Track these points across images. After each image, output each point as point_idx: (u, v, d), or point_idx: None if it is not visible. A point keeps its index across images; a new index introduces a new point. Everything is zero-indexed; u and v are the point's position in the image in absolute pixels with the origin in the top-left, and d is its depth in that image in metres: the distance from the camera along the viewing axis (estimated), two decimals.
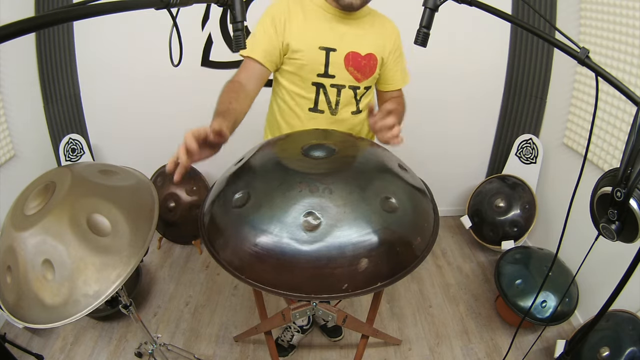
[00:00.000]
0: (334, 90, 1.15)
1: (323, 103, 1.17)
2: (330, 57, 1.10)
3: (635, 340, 1.27)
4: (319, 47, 1.09)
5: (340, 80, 1.14)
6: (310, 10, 1.10)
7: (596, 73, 0.59)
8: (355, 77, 1.14)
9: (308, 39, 1.09)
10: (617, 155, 1.52)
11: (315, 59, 1.10)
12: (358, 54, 1.12)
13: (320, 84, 1.14)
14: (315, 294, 0.65)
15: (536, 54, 2.00)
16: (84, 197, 0.86)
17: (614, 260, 1.49)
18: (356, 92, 1.17)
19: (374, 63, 1.15)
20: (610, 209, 0.59)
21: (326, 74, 1.12)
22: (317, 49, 1.09)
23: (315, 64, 1.11)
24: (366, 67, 1.14)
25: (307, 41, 1.09)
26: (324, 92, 1.15)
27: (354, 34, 1.11)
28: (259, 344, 1.71)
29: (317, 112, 1.17)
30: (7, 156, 1.81)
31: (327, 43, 1.09)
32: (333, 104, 1.17)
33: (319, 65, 1.11)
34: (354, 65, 1.12)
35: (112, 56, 2.01)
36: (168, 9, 0.53)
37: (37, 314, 0.80)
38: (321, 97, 1.16)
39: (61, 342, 1.70)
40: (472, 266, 2.17)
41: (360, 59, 1.12)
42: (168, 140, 2.22)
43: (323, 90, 1.15)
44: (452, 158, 2.35)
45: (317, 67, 1.11)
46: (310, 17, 1.09)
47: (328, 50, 1.10)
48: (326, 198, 0.66)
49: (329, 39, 1.09)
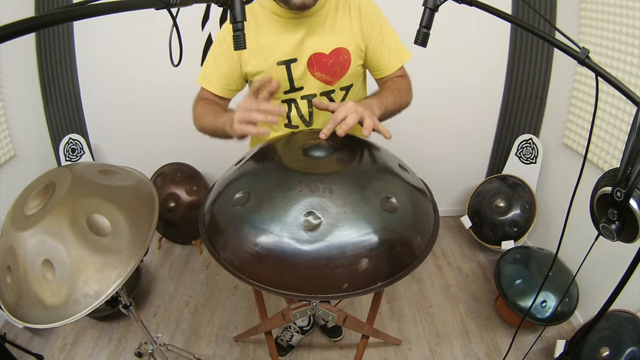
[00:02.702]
0: (305, 102, 1.05)
1: (295, 118, 1.07)
2: (292, 69, 1.00)
3: (635, 340, 1.27)
4: (277, 63, 0.99)
5: (310, 90, 1.03)
6: (262, 19, 0.99)
7: (596, 73, 0.59)
8: (324, 81, 1.03)
9: (264, 57, 0.99)
10: (617, 155, 1.52)
11: (276, 77, 0.98)
12: (322, 55, 1.00)
13: (291, 99, 1.05)
14: (315, 294, 0.65)
15: (536, 54, 2.00)
16: (84, 197, 0.86)
17: (614, 260, 1.49)
18: (331, 96, 1.06)
19: (346, 57, 1.01)
20: (610, 209, 0.59)
21: (292, 89, 1.03)
22: (276, 66, 0.99)
23: (278, 81, 1.03)
24: (335, 66, 1.01)
25: (263, 61, 0.99)
26: (296, 106, 1.06)
27: (314, 33, 0.99)
28: (259, 344, 1.71)
29: (292, 128, 1.09)
30: (7, 156, 1.81)
31: (284, 55, 0.99)
32: (306, 116, 1.07)
33: (283, 82, 1.01)
34: (320, 68, 1.01)
35: (112, 56, 2.01)
36: (168, 9, 0.53)
37: (37, 314, 0.80)
38: (293, 112, 1.07)
39: (61, 342, 1.70)
40: (472, 266, 2.17)
41: (325, 60, 1.00)
42: (168, 140, 2.26)
43: (295, 104, 1.06)
44: (452, 158, 2.35)
45: (282, 84, 1.00)
46: (263, 28, 0.99)
47: (288, 63, 0.99)
48: (326, 198, 0.67)
49: (287, 49, 0.98)
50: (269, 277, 0.67)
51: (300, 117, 1.08)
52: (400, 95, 1.01)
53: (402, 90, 1.02)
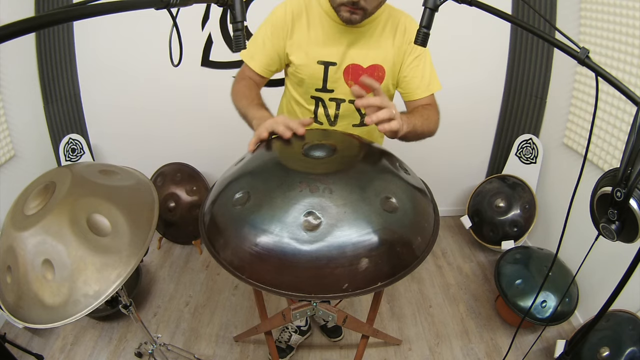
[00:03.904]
0: (333, 104, 1.11)
1: (322, 116, 1.14)
2: (329, 71, 1.05)
3: (635, 340, 1.27)
4: (318, 62, 1.04)
5: (340, 95, 1.09)
6: (314, 17, 1.03)
7: (596, 73, 0.59)
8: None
9: (308, 53, 1.04)
10: (617, 155, 1.52)
11: (313, 74, 1.05)
12: (359, 67, 1.05)
13: (319, 98, 1.11)
14: (315, 294, 0.65)
15: (536, 54, 2.00)
16: (84, 197, 0.86)
17: (614, 260, 1.49)
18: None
19: (380, 74, 1.07)
20: (610, 209, 0.59)
21: (324, 89, 1.08)
22: (316, 64, 1.04)
23: (313, 78, 1.07)
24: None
25: (306, 56, 1.04)
26: (323, 105, 1.12)
27: (358, 45, 1.03)
28: (259, 344, 1.71)
29: (317, 123, 1.15)
30: (7, 156, 1.81)
31: (326, 57, 1.04)
32: (332, 117, 1.13)
33: (317, 80, 1.07)
34: (355, 79, 1.06)
35: (112, 56, 2.01)
36: (168, 9, 0.53)
37: (37, 314, 0.80)
38: (320, 110, 1.13)
39: (61, 342, 1.70)
40: (472, 266, 2.17)
41: (361, 72, 1.05)
42: (168, 140, 2.26)
43: (322, 103, 1.12)
44: (452, 158, 2.35)
45: (315, 82, 1.07)
46: (314, 26, 1.03)
47: (327, 65, 1.04)
48: (326, 198, 0.66)
49: (330, 52, 1.03)
50: (269, 277, 0.67)
51: (327, 116, 1.13)
52: (429, 121, 1.03)
53: (430, 118, 1.05)
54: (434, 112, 1.10)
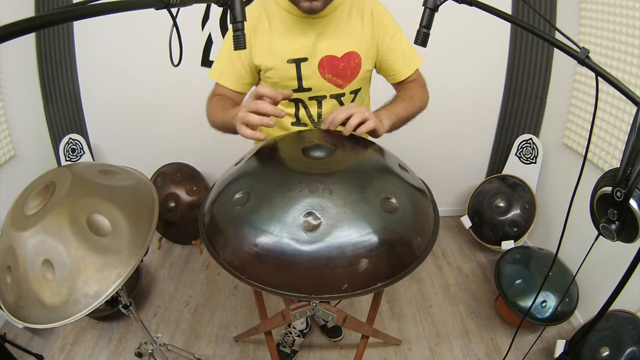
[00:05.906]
0: (314, 102, 1.05)
1: (304, 117, 1.08)
2: (302, 69, 1.00)
3: (635, 340, 1.27)
4: (288, 61, 0.99)
5: (319, 92, 1.04)
6: (274, 16, 0.99)
7: (596, 73, 0.59)
8: (335, 84, 1.03)
9: (275, 53, 0.99)
10: (617, 155, 1.52)
11: (285, 74, 1.00)
12: (334, 58, 1.00)
13: (298, 99, 1.05)
14: (315, 294, 0.65)
15: (536, 54, 2.00)
16: (84, 197, 0.86)
17: (614, 260, 1.49)
18: (341, 99, 1.07)
19: (357, 62, 1.02)
20: (610, 209, 0.59)
21: (301, 88, 1.02)
22: (286, 63, 0.99)
23: (286, 80, 1.01)
24: (346, 69, 1.02)
25: (274, 57, 0.99)
26: (304, 106, 1.06)
27: (327, 36, 0.99)
28: (259, 344, 1.71)
29: (300, 126, 1.10)
30: (7, 156, 1.81)
31: (295, 54, 0.99)
32: (315, 116, 1.08)
33: (291, 81, 1.01)
34: (332, 71, 1.01)
35: (112, 56, 2.01)
36: (168, 9, 0.53)
37: (37, 314, 0.80)
38: (301, 111, 1.07)
39: (61, 342, 1.70)
40: (472, 266, 2.17)
41: (337, 62, 1.00)
42: (168, 141, 2.26)
43: (302, 104, 1.06)
44: (452, 158, 2.35)
45: (290, 82, 1.01)
46: (276, 25, 0.99)
47: (298, 62, 0.99)
48: (326, 198, 0.66)
49: (297, 48, 0.98)
50: (268, 277, 0.67)
51: (309, 117, 1.08)
52: (413, 101, 1.02)
53: (414, 96, 1.03)
54: (419, 88, 1.08)
